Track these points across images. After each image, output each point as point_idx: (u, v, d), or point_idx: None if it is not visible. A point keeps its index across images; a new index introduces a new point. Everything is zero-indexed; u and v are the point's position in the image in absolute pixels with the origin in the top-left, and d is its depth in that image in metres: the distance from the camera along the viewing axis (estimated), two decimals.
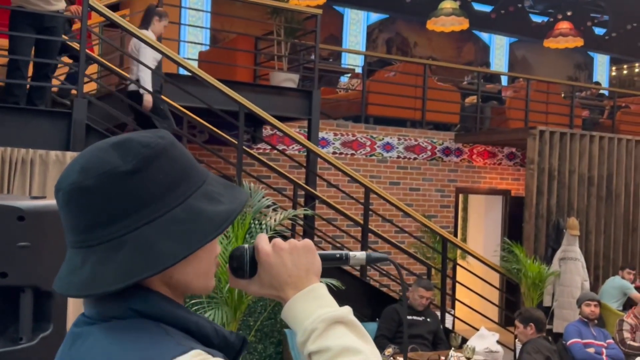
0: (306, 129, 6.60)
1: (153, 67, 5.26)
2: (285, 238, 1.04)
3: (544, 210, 8.21)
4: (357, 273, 6.50)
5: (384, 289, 6.81)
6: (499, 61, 13.11)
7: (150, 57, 5.27)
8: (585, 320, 5.70)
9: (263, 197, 4.10)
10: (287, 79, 6.48)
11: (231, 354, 0.98)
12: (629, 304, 7.33)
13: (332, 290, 3.13)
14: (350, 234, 6.83)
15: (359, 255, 1.08)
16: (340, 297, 1.30)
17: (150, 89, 5.18)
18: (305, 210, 5.40)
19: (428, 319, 5.22)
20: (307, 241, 1.03)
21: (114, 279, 0.88)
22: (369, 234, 6.59)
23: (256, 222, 3.90)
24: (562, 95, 10.90)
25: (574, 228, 7.63)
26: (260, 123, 6.71)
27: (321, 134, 6.77)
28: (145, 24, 5.56)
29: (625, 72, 18.08)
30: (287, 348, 4.82)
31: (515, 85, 10.82)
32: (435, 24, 10.01)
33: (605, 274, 8.42)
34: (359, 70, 9.59)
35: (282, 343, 4.93)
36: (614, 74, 17.22)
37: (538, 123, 9.07)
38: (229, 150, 6.80)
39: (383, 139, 8.35)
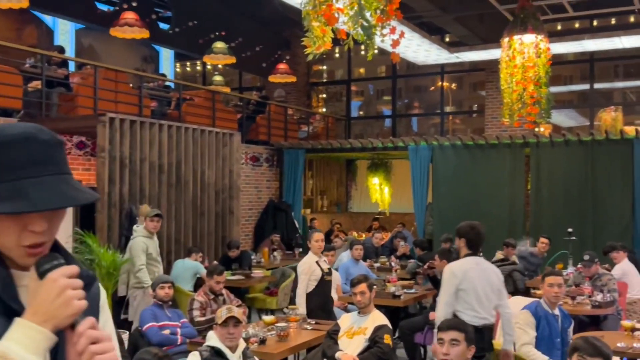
0: None
1: None
2: None
3: (116, 199, 8.09)
4: None
5: None
6: (64, 47, 12.44)
7: None
8: (160, 303, 5.75)
9: None
10: None
11: None
12: (198, 284, 7.73)
13: None
14: None
15: None
16: None
17: None
18: None
19: None
20: None
21: None
22: None
23: None
24: (131, 85, 10.93)
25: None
26: None
27: None
28: None
29: (188, 68, 19.27)
30: None
31: (83, 72, 10.42)
32: None
33: (177, 257, 8.75)
34: None
35: None
36: (178, 70, 18.16)
37: (108, 111, 8.88)
38: None
39: None
